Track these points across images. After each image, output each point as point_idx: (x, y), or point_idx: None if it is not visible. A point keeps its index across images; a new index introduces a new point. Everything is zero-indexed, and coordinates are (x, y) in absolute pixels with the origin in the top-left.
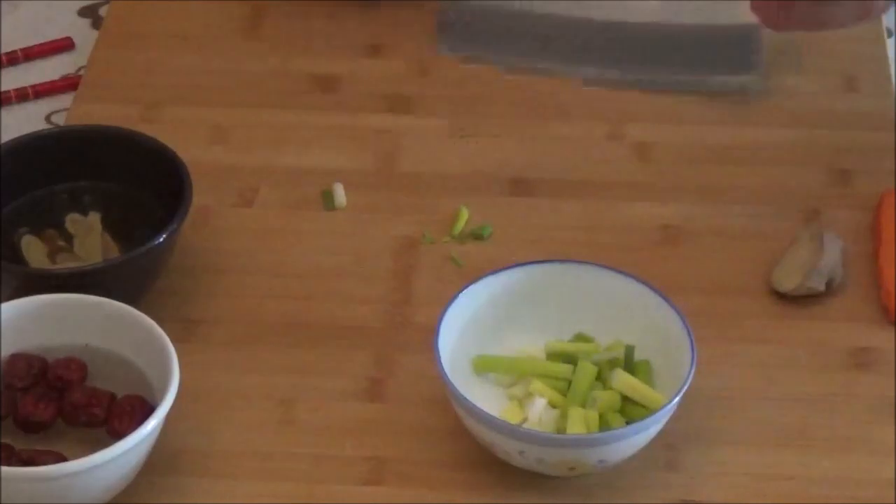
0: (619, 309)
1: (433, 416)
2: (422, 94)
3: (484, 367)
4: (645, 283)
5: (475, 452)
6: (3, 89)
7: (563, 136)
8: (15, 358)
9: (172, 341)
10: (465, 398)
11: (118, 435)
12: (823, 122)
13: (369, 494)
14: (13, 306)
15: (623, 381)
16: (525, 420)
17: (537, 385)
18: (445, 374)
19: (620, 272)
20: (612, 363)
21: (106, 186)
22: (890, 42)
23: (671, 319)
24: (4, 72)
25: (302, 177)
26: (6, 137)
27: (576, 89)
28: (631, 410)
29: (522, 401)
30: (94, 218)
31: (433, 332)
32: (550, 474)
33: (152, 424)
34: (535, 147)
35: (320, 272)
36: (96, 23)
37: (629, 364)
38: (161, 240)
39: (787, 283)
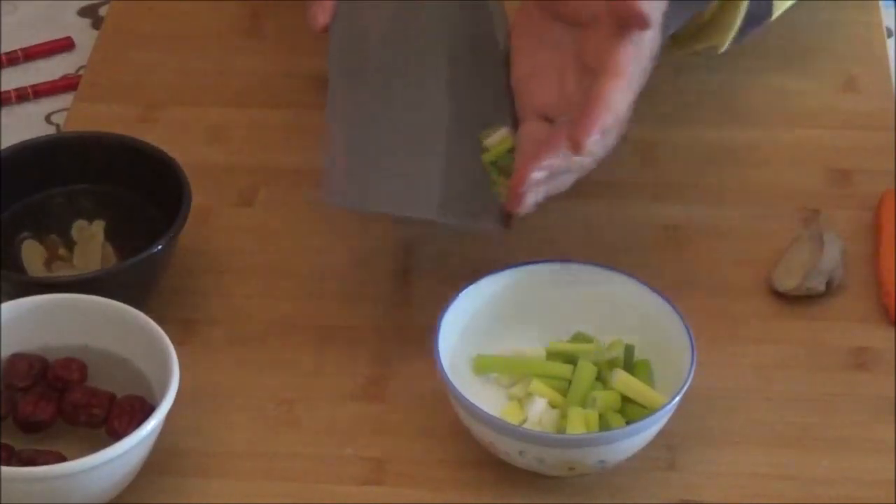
0: (619, 309)
1: (433, 416)
2: None
3: (484, 367)
4: (645, 283)
5: (475, 452)
6: (3, 89)
7: None
8: (15, 358)
9: (172, 341)
10: (465, 398)
11: (118, 435)
12: (823, 122)
13: (369, 494)
14: (13, 306)
15: (623, 381)
16: (525, 420)
17: (537, 385)
18: (445, 373)
19: (620, 272)
20: (612, 363)
21: (107, 193)
22: (890, 42)
23: (671, 319)
24: (4, 72)
25: (302, 177)
26: (6, 137)
27: None
28: (631, 410)
29: (522, 401)
30: (98, 226)
31: (433, 332)
32: (550, 474)
33: (152, 424)
34: None
35: (320, 272)
36: (96, 23)
37: (629, 364)
38: (157, 249)
39: (787, 283)
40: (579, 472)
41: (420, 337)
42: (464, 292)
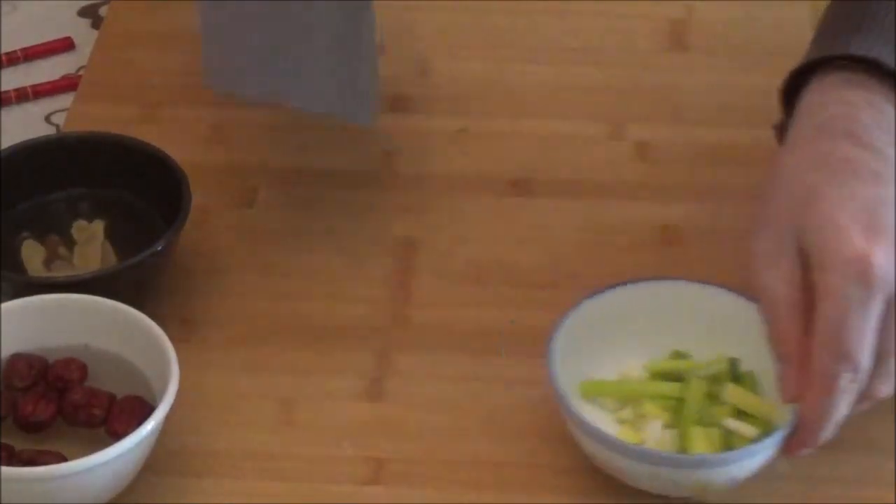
0: (712, 323)
1: (433, 416)
2: (422, 94)
3: (591, 392)
4: (738, 292)
5: (475, 452)
6: (3, 89)
7: (563, 135)
8: (15, 358)
9: (172, 341)
10: (597, 428)
11: (118, 435)
12: None
13: (369, 494)
14: (13, 306)
15: (736, 394)
16: (642, 443)
17: (650, 407)
18: (571, 406)
19: (712, 284)
20: (717, 378)
21: (107, 193)
22: None
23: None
24: (4, 72)
25: (302, 177)
26: (6, 138)
27: (577, 89)
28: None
29: (634, 423)
30: (98, 226)
31: (433, 331)
32: (680, 496)
33: (152, 425)
34: (535, 147)
35: (320, 272)
36: (96, 23)
37: (735, 377)
38: (157, 249)
39: None
40: (711, 490)
41: (420, 337)
42: (567, 317)
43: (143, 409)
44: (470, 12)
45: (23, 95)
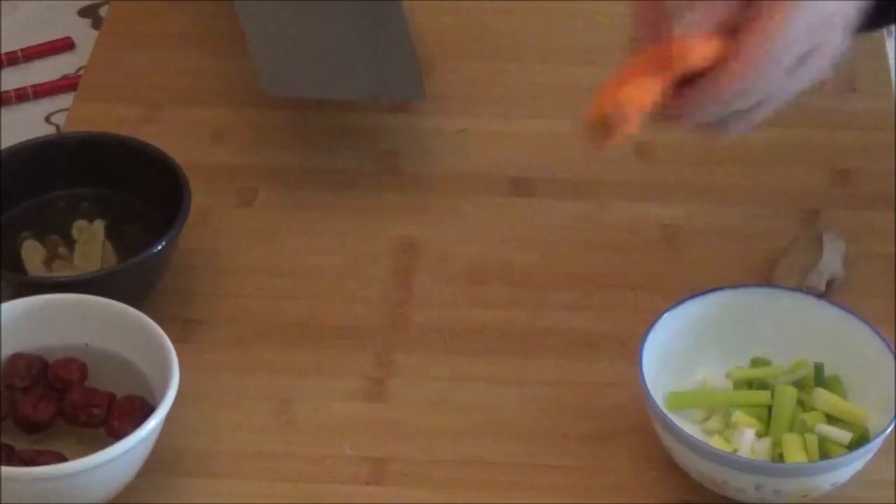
0: (786, 328)
1: (433, 416)
2: None
3: (678, 403)
4: (817, 296)
5: (475, 452)
6: (3, 89)
7: (563, 135)
8: (15, 358)
9: (172, 341)
10: (699, 441)
11: (118, 435)
12: (823, 122)
13: (369, 494)
14: (13, 306)
15: (826, 400)
16: (735, 451)
17: (741, 416)
18: (670, 420)
19: (786, 289)
20: (800, 384)
21: (108, 193)
22: (890, 42)
23: (851, 331)
24: (4, 72)
25: (302, 177)
26: (6, 138)
27: (577, 89)
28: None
29: (724, 433)
30: (99, 226)
31: (433, 331)
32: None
33: (152, 424)
34: (535, 146)
35: (320, 272)
36: (96, 23)
37: (820, 382)
38: (157, 249)
39: (787, 283)
40: (811, 497)
41: (420, 337)
42: (651, 330)
43: (143, 409)
44: (470, 12)
45: (23, 95)
